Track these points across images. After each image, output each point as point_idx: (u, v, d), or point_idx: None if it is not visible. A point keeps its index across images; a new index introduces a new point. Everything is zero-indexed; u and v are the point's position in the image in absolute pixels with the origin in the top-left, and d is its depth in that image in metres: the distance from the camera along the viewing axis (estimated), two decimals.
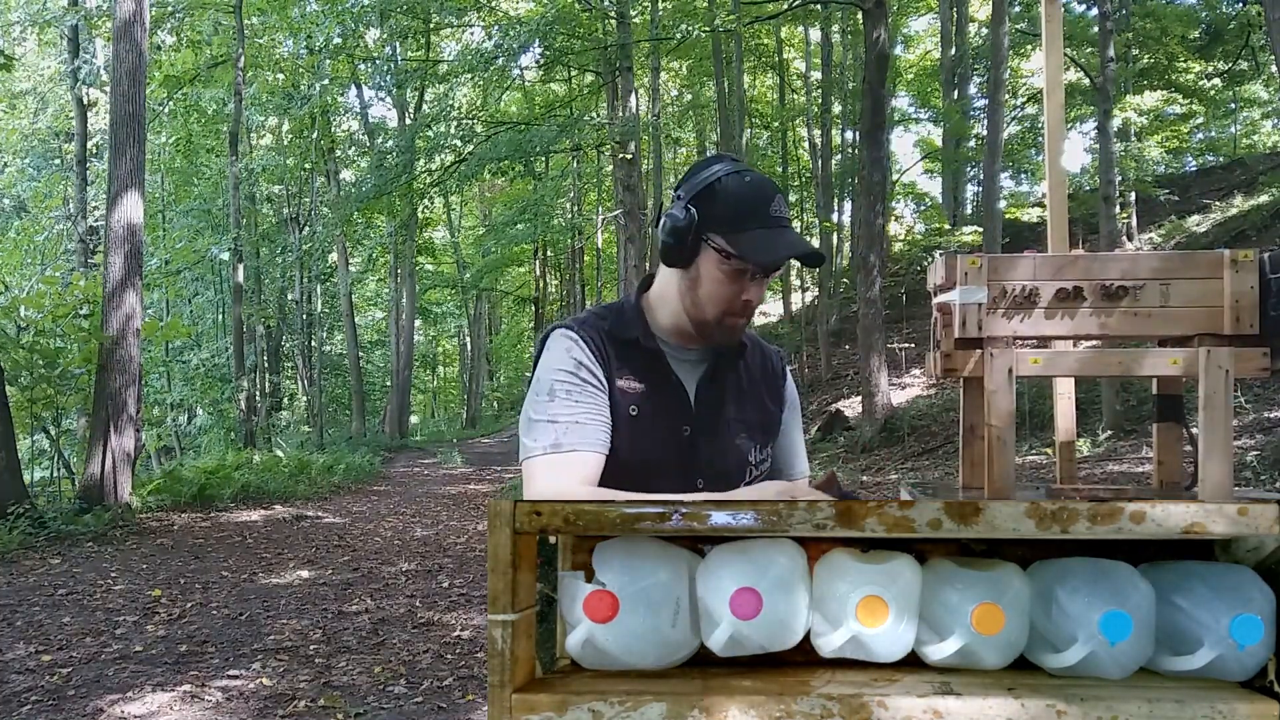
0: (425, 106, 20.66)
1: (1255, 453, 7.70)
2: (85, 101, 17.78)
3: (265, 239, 23.54)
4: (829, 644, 0.88)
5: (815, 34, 22.14)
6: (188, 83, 19.90)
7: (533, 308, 33.25)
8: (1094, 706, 0.80)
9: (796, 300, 23.63)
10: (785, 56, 23.66)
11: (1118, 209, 12.47)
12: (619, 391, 1.42)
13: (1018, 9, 16.65)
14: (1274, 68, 14.70)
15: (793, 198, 25.43)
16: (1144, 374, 1.63)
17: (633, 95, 16.06)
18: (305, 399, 25.90)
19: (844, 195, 22.24)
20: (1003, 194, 17.48)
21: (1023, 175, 22.61)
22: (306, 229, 23.19)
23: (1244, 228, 14.20)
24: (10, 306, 9.96)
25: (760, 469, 1.51)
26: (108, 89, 12.41)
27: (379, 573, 6.73)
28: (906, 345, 15.15)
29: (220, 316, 24.63)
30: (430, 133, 16.30)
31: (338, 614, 5.48)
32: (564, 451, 1.34)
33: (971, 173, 21.28)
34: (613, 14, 15.51)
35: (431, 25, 18.77)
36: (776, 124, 24.13)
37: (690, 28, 15.38)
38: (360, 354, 24.24)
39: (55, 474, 10.49)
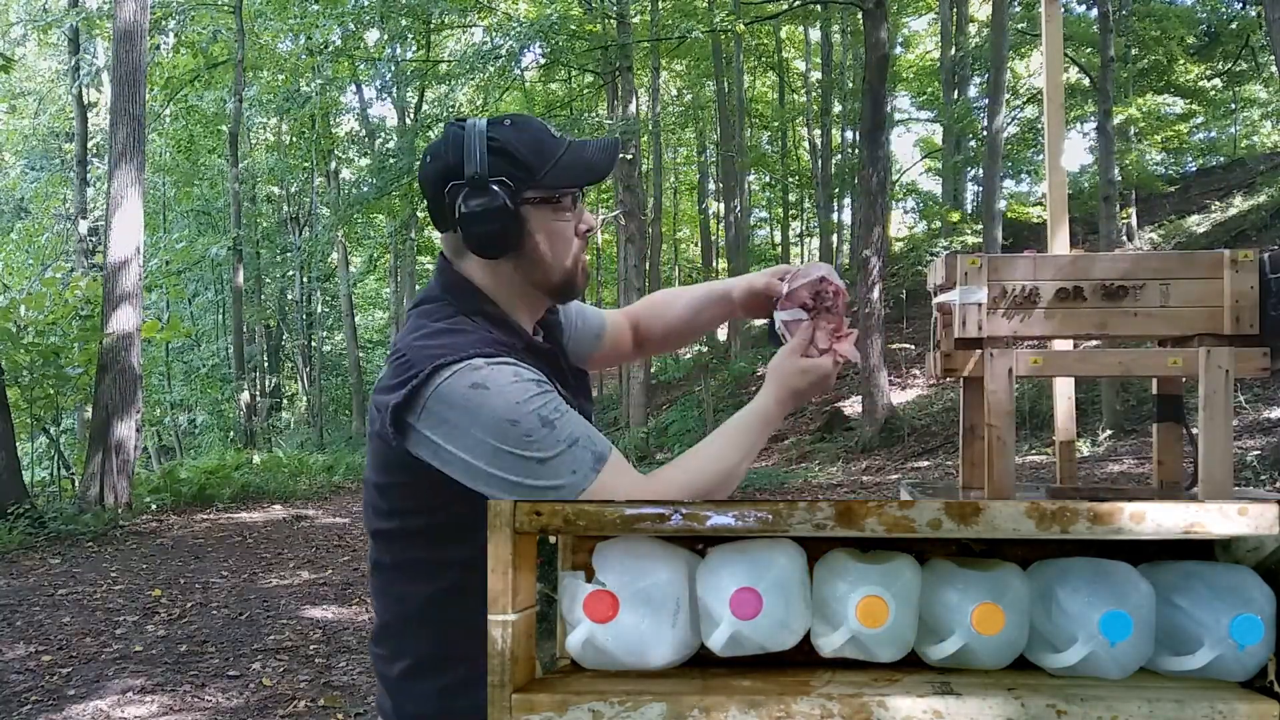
0: (426, 107, 20.68)
1: (1255, 453, 7.71)
2: (85, 101, 17.79)
3: (266, 239, 23.55)
4: (829, 644, 0.88)
5: (815, 34, 22.14)
6: (188, 84, 19.92)
7: None
8: (1094, 706, 0.80)
9: None
10: (785, 56, 23.66)
11: (1118, 209, 12.48)
12: None
13: (1018, 9, 16.64)
14: (1274, 68, 14.70)
15: (792, 197, 25.45)
16: (1144, 374, 1.63)
17: (633, 96, 16.06)
18: (305, 399, 25.90)
19: (844, 195, 22.23)
20: (1003, 194, 17.46)
21: (1023, 175, 22.60)
22: (306, 229, 23.19)
23: (1244, 228, 14.20)
24: (10, 306, 9.96)
25: None
26: (106, 89, 12.41)
27: None
28: (906, 345, 15.15)
29: (220, 317, 24.65)
30: (432, 134, 16.31)
31: (338, 614, 5.48)
32: (610, 458, 1.14)
33: (971, 173, 21.28)
34: (613, 14, 15.51)
35: (432, 26, 18.78)
36: (776, 124, 24.12)
37: (690, 27, 15.38)
38: (360, 354, 24.25)
39: (55, 474, 10.49)
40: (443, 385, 1.12)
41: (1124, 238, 14.34)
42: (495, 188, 1.18)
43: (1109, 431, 10.07)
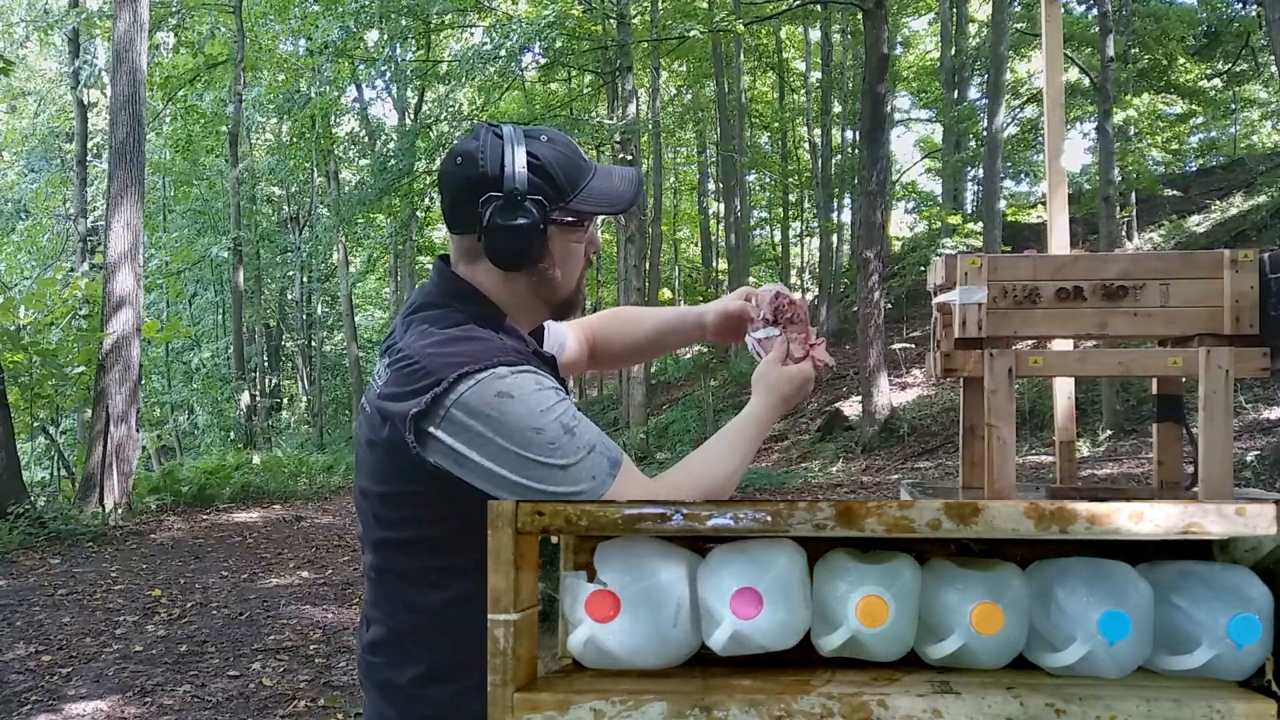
0: (426, 107, 20.70)
1: (1255, 453, 7.71)
2: (85, 102, 17.78)
3: (266, 239, 23.54)
4: (829, 644, 0.89)
5: (815, 34, 22.13)
6: (188, 84, 19.91)
7: None
8: (1093, 706, 0.81)
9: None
10: (785, 56, 23.65)
11: (1118, 209, 12.48)
12: None
13: (1018, 9, 16.64)
14: (1274, 68, 14.70)
15: (793, 197, 25.44)
16: (1144, 374, 1.64)
17: (633, 96, 16.06)
18: (305, 399, 25.90)
19: (844, 195, 22.22)
20: (1003, 194, 17.45)
21: (1023, 175, 22.59)
22: (306, 230, 23.17)
23: (1244, 228, 14.20)
24: (9, 306, 9.97)
25: None
26: (107, 89, 12.41)
27: None
28: (907, 345, 15.15)
29: (220, 317, 24.66)
30: (432, 134, 16.32)
31: (338, 614, 5.48)
32: (622, 464, 1.18)
33: (971, 173, 21.28)
34: (613, 14, 15.51)
35: (431, 26, 18.77)
36: (776, 124, 24.11)
37: (690, 28, 15.38)
38: (360, 354, 24.25)
39: (55, 474, 10.49)
40: (468, 393, 1.11)
41: (1124, 238, 14.33)
42: (530, 206, 1.19)
43: (1109, 431, 10.07)
